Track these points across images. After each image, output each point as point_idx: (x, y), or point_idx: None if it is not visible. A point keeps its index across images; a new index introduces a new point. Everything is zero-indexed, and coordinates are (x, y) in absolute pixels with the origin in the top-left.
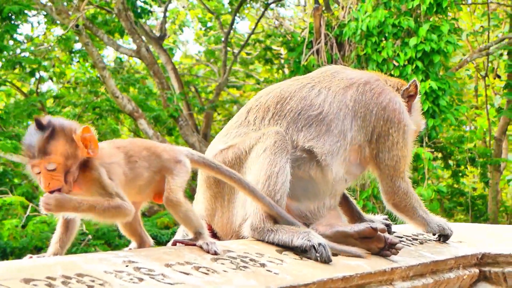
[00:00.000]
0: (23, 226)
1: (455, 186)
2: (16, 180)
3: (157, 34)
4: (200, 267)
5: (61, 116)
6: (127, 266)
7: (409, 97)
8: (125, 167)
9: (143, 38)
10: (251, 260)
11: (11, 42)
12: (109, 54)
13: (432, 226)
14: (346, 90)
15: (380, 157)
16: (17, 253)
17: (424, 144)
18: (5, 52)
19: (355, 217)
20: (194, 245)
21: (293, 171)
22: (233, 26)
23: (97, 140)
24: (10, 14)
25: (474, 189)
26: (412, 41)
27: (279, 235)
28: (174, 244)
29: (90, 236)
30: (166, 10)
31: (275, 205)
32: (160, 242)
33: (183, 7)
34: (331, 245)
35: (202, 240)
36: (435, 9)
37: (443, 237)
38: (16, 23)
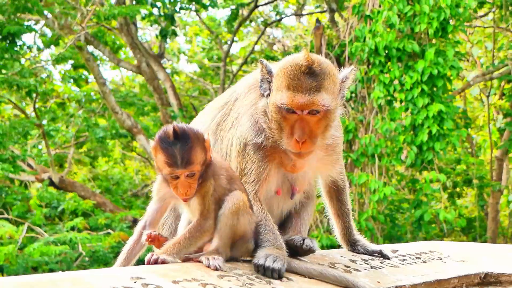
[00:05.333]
0: (20, 249)
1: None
2: (8, 199)
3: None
4: (207, 284)
5: (59, 134)
6: (135, 282)
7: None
8: (226, 180)
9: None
10: (257, 277)
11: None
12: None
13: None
14: (217, 112)
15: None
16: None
17: (436, 167)
18: (3, 70)
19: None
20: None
21: None
22: (231, 46)
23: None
24: (9, 34)
25: (466, 207)
26: (420, 64)
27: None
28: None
29: (87, 258)
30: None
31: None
32: None
33: (182, 27)
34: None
35: (205, 256)
36: (440, 33)
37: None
38: (16, 42)
